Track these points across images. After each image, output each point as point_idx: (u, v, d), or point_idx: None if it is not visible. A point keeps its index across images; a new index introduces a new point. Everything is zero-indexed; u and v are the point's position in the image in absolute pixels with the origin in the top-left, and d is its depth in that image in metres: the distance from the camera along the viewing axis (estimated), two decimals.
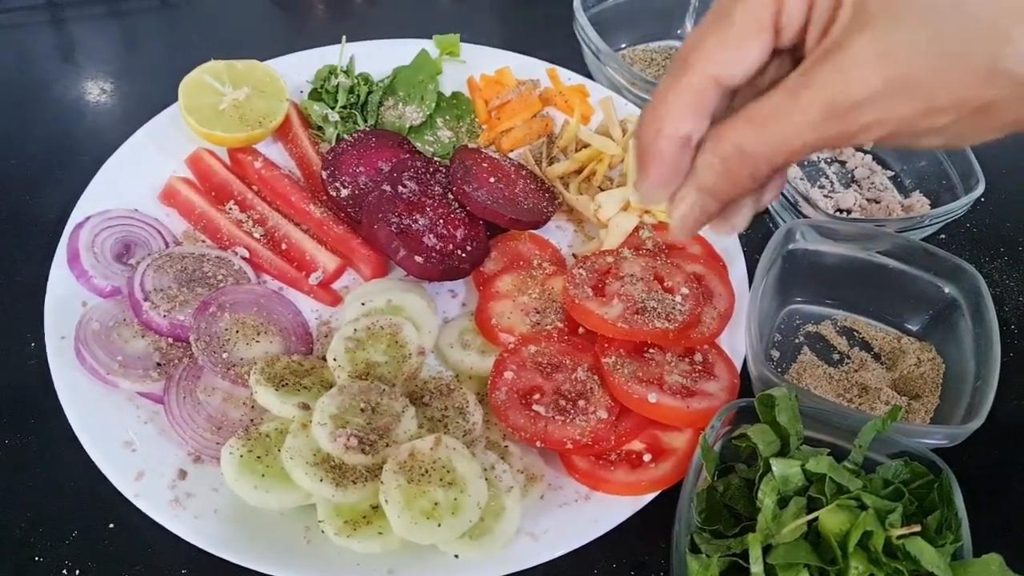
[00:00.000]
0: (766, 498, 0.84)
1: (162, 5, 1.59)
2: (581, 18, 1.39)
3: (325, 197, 1.22)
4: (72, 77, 1.44)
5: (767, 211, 1.30)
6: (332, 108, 1.32)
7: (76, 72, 1.45)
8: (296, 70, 1.37)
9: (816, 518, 0.82)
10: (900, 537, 0.80)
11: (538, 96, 1.38)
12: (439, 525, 0.85)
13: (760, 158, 0.58)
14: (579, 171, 1.29)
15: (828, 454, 0.87)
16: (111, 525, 0.94)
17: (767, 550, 0.81)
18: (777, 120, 0.56)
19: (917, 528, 0.80)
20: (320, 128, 1.32)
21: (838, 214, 1.29)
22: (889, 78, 0.51)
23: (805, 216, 1.20)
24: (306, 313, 1.12)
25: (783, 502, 0.85)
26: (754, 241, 1.25)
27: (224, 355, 1.02)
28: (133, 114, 1.33)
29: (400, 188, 1.15)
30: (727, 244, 1.20)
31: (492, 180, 1.21)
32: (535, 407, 0.98)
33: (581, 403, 0.99)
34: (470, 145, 1.29)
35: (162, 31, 1.54)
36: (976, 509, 0.87)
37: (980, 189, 1.20)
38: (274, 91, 1.29)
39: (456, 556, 0.88)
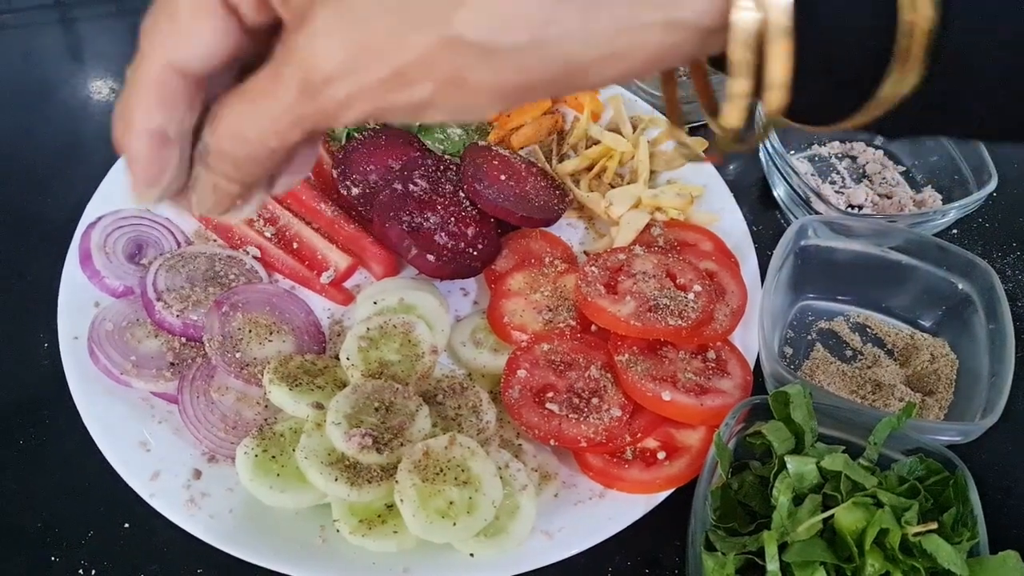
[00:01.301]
0: (781, 496, 0.84)
1: None
2: None
3: (336, 196, 1.22)
4: (81, 76, 1.44)
5: (779, 207, 1.30)
6: None
7: (85, 71, 1.45)
8: None
9: (832, 516, 0.82)
10: (917, 535, 0.80)
11: None
12: (454, 524, 0.85)
13: (254, 141, 0.53)
14: (589, 168, 1.29)
15: (843, 451, 0.87)
16: (126, 525, 0.94)
17: (783, 548, 0.81)
18: (264, 99, 0.51)
19: (934, 526, 0.80)
20: None
21: (850, 210, 1.29)
22: (350, 47, 0.47)
23: (817, 212, 1.20)
24: (318, 312, 1.12)
25: (798, 500, 0.85)
26: (766, 237, 1.25)
27: (237, 354, 1.02)
28: None
29: (411, 186, 1.15)
30: (739, 241, 1.20)
31: (503, 178, 1.21)
32: (548, 405, 0.98)
33: (595, 401, 0.99)
34: (480, 143, 1.29)
35: None
36: (992, 506, 0.87)
37: (993, 184, 1.19)
38: None
39: (471, 555, 0.88)
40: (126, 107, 0.55)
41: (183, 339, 1.05)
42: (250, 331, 1.04)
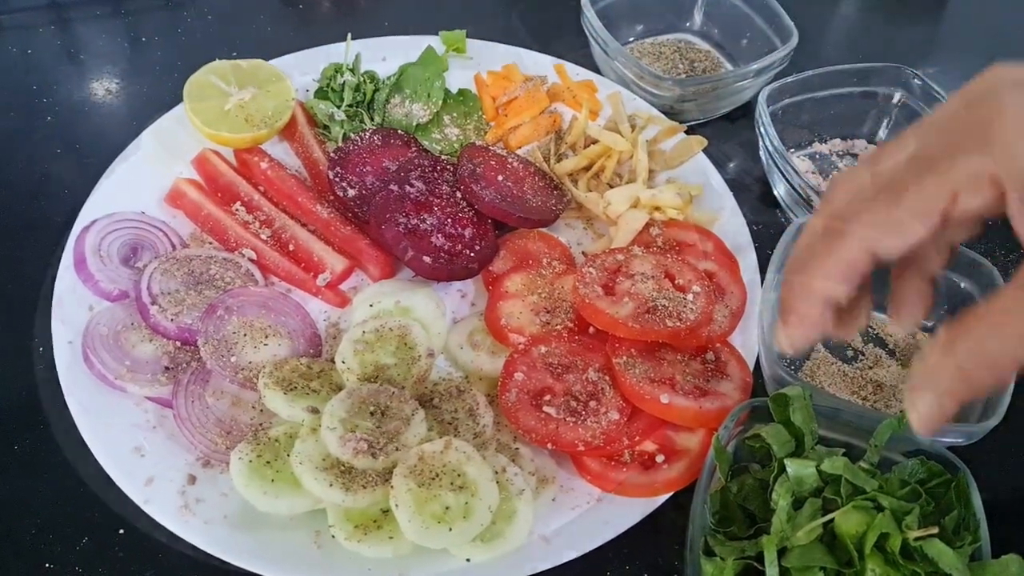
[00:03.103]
0: (781, 499, 0.83)
1: (166, 4, 1.58)
2: (588, 12, 1.38)
3: (332, 197, 1.21)
4: (76, 78, 1.43)
5: (779, 206, 1.29)
6: (338, 107, 1.31)
7: (81, 73, 1.45)
8: (301, 69, 1.36)
9: (832, 520, 0.81)
10: (918, 539, 0.79)
11: (546, 92, 1.36)
12: (450, 529, 0.84)
13: (1003, 359, 0.56)
14: (588, 168, 1.28)
15: (843, 454, 0.86)
16: (121, 531, 0.93)
17: (782, 552, 0.80)
18: (1011, 320, 0.55)
19: (935, 530, 0.79)
20: (326, 127, 1.31)
21: None
22: None
23: None
24: (314, 315, 1.11)
25: (798, 503, 0.84)
26: (765, 236, 1.24)
27: (232, 358, 1.01)
28: (138, 114, 1.32)
29: (407, 187, 1.14)
30: (738, 240, 1.19)
31: (500, 178, 1.20)
32: (546, 408, 0.98)
33: (592, 404, 0.98)
34: (477, 143, 1.28)
35: (166, 30, 1.53)
36: (994, 509, 0.86)
37: None
38: (279, 90, 1.28)
39: (468, 560, 0.88)
40: (810, 273, 0.64)
41: (178, 343, 1.04)
42: (245, 335, 1.04)
